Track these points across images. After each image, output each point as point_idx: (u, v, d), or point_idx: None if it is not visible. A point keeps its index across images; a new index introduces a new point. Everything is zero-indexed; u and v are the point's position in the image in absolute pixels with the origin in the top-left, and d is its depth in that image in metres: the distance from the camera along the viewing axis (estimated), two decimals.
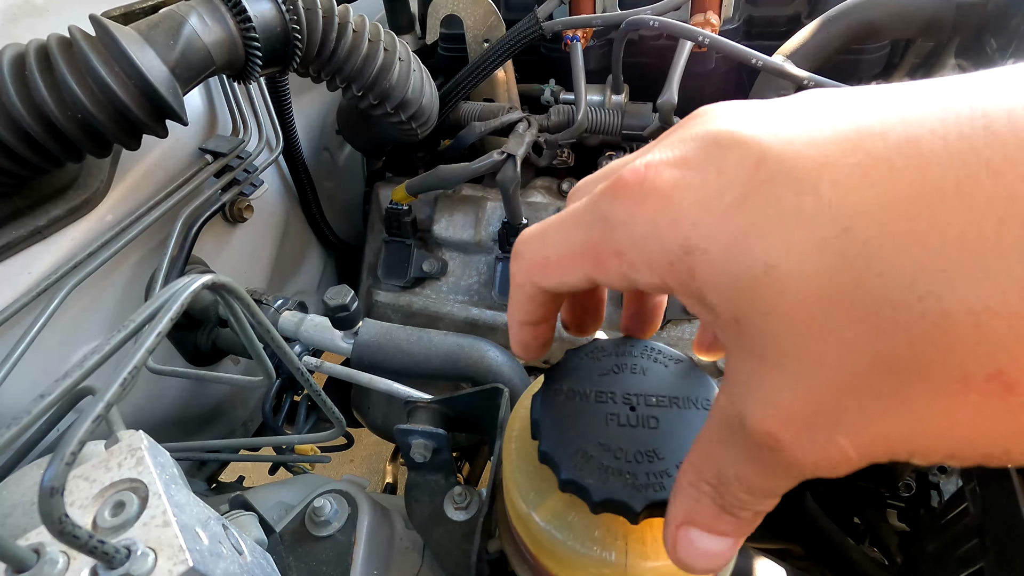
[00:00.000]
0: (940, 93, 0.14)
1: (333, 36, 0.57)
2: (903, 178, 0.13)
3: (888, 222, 0.14)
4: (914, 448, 0.15)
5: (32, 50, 0.42)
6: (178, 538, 0.26)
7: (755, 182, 0.15)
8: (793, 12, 0.74)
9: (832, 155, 0.15)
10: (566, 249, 0.21)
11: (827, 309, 0.14)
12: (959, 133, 0.13)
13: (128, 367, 0.24)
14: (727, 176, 0.16)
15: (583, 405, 0.27)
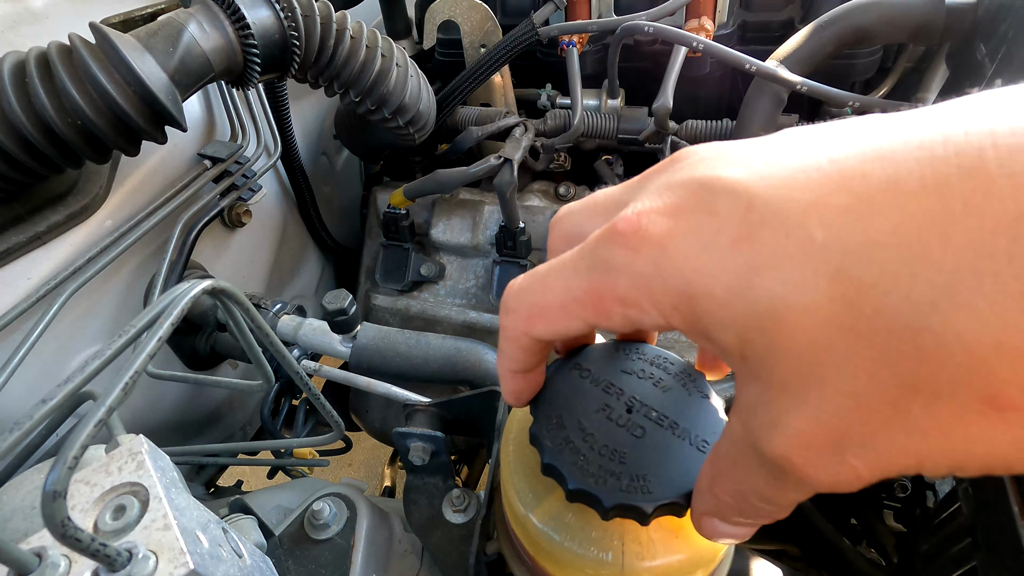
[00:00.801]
0: (915, 128, 0.15)
1: (331, 42, 0.57)
2: (888, 217, 0.14)
3: (878, 259, 0.14)
4: (921, 464, 0.15)
5: (32, 57, 0.43)
6: (179, 541, 0.26)
7: (748, 224, 0.16)
8: (786, 17, 0.74)
9: (818, 196, 0.15)
10: (567, 297, 0.21)
11: (830, 340, 0.15)
12: (934, 171, 0.14)
13: (129, 372, 0.24)
14: (720, 221, 0.17)
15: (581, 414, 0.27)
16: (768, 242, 0.16)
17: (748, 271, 0.16)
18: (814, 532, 0.67)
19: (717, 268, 0.17)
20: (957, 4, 0.58)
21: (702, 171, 0.18)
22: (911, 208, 0.14)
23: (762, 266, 0.16)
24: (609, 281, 0.19)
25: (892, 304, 0.14)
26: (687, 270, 0.17)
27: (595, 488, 0.25)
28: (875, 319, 0.14)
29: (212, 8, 0.50)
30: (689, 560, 0.28)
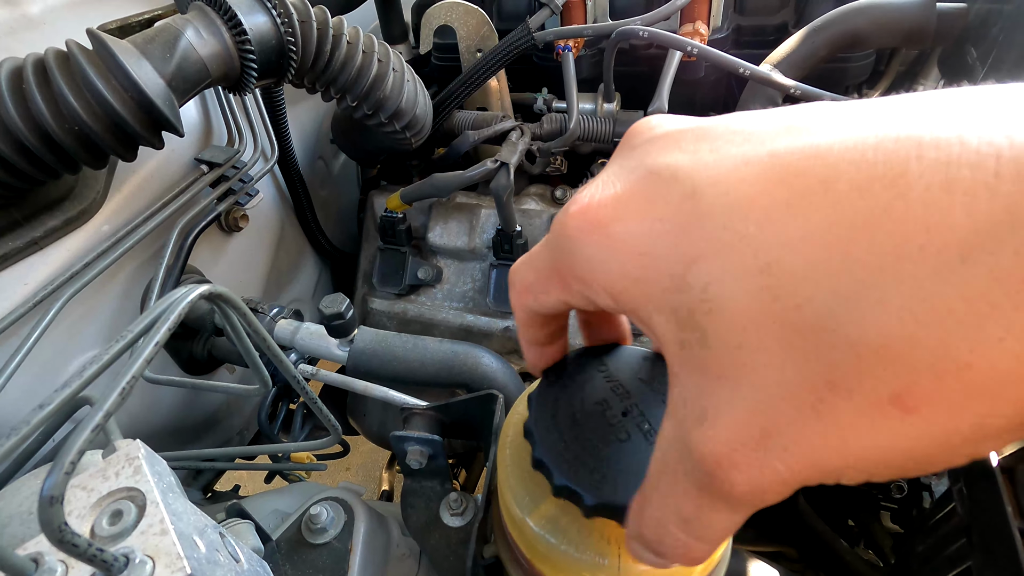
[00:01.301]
0: (853, 126, 0.15)
1: (328, 48, 0.58)
2: (819, 215, 0.15)
3: (806, 254, 0.15)
4: (841, 469, 0.16)
5: (30, 64, 0.43)
6: (176, 546, 0.27)
7: (689, 214, 0.17)
8: (780, 21, 0.75)
9: (757, 190, 0.16)
10: (541, 274, 0.22)
11: (760, 332, 0.15)
12: (863, 176, 0.14)
13: (126, 377, 0.24)
14: (663, 208, 0.17)
15: (579, 410, 0.28)
16: (707, 233, 0.16)
17: (687, 260, 0.17)
18: (811, 534, 0.67)
19: (658, 256, 0.17)
20: (948, 9, 0.58)
21: (652, 157, 0.19)
22: (840, 208, 0.14)
23: (700, 256, 0.16)
24: (567, 262, 0.20)
25: (816, 299, 0.15)
26: (632, 255, 0.18)
27: (579, 485, 0.25)
28: (800, 313, 0.15)
29: (209, 14, 0.50)
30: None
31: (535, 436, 0.27)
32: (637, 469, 0.25)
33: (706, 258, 0.16)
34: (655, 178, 0.18)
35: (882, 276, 0.14)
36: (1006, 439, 0.14)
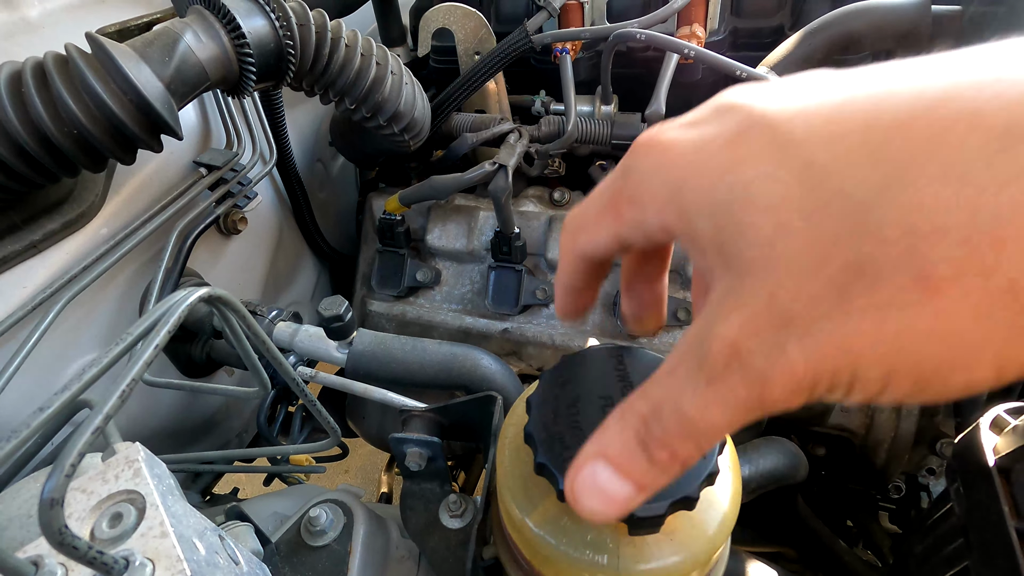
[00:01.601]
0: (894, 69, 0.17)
1: (326, 51, 0.58)
2: (862, 114, 0.16)
3: (846, 148, 0.16)
4: (856, 364, 0.16)
5: (29, 67, 0.43)
6: (176, 548, 0.27)
7: (742, 128, 0.18)
8: (777, 23, 0.75)
9: (806, 105, 0.18)
10: (597, 205, 0.23)
11: (791, 223, 0.16)
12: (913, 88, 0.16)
13: (126, 380, 0.25)
14: (720, 128, 0.19)
15: (580, 407, 0.28)
16: (754, 141, 0.18)
17: (731, 163, 0.18)
18: (810, 534, 0.68)
19: (705, 163, 0.19)
20: (943, 11, 0.59)
21: (724, 97, 0.20)
22: (882, 110, 0.16)
23: (744, 159, 0.18)
24: (622, 183, 0.22)
25: (849, 186, 0.16)
26: (681, 165, 0.19)
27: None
28: (832, 201, 0.16)
29: (208, 18, 0.50)
30: (684, 563, 0.28)
31: (536, 440, 0.27)
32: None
33: (750, 161, 0.18)
34: (719, 109, 0.20)
35: (919, 163, 0.15)
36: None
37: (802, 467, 0.57)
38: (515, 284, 0.76)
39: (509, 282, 0.76)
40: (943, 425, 0.68)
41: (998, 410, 0.40)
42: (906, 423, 0.67)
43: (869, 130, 0.16)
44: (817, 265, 0.16)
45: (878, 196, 0.15)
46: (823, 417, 0.69)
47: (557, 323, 0.76)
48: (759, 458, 0.55)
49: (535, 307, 0.77)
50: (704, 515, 0.28)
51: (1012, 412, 0.40)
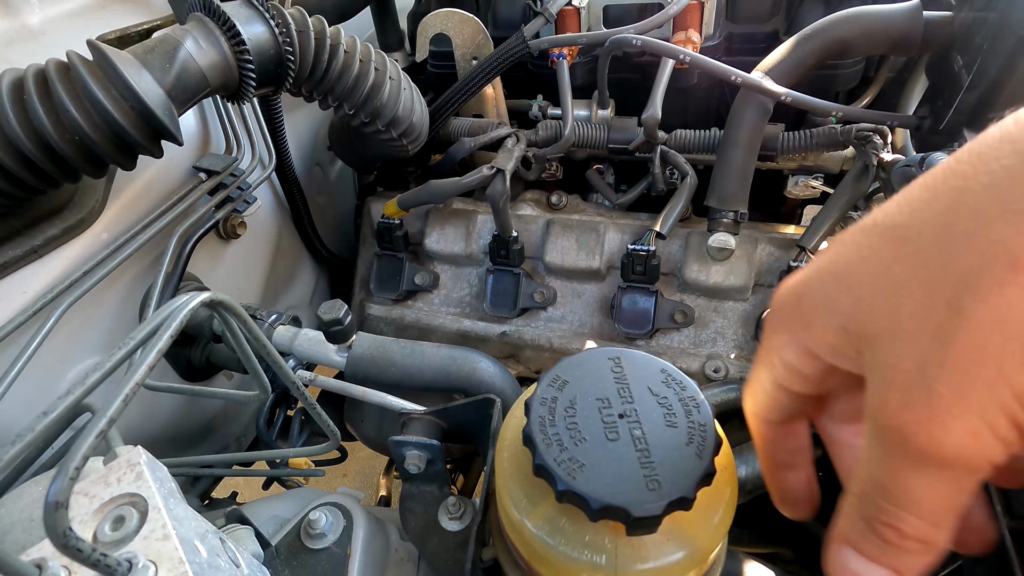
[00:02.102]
0: None
1: (325, 57, 0.58)
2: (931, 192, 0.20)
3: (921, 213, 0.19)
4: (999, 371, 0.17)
5: (31, 75, 0.43)
6: (178, 551, 0.27)
7: (836, 246, 0.22)
8: (771, 29, 0.76)
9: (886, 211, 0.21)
10: (757, 368, 0.25)
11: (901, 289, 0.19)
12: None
13: (129, 383, 0.25)
14: (827, 253, 0.22)
15: (577, 409, 0.28)
16: (848, 243, 0.21)
17: (835, 261, 0.21)
18: (808, 535, 0.68)
19: (815, 272, 0.22)
20: (934, 17, 0.59)
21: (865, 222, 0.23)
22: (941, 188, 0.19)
23: (843, 255, 0.21)
24: (765, 339, 0.24)
25: (930, 238, 0.19)
26: (799, 285, 0.22)
27: (582, 490, 0.25)
28: (921, 256, 0.19)
29: (208, 24, 0.50)
30: (681, 562, 0.28)
31: (535, 442, 0.27)
32: (625, 472, 0.26)
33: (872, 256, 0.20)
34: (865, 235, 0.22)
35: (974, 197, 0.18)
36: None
37: None
38: (513, 287, 0.76)
39: (507, 285, 0.76)
40: None
41: None
42: None
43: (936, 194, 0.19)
44: (926, 309, 0.18)
45: (949, 230, 0.18)
46: None
47: (555, 326, 0.77)
48: (755, 459, 0.56)
49: (533, 310, 0.77)
50: (701, 515, 0.29)
51: None
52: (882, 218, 0.20)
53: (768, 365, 0.24)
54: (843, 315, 0.20)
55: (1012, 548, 0.35)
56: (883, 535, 0.20)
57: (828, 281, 0.21)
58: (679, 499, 0.25)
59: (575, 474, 0.26)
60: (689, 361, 0.70)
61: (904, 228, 0.19)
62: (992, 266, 0.17)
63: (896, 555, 0.20)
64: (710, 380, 0.69)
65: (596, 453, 0.27)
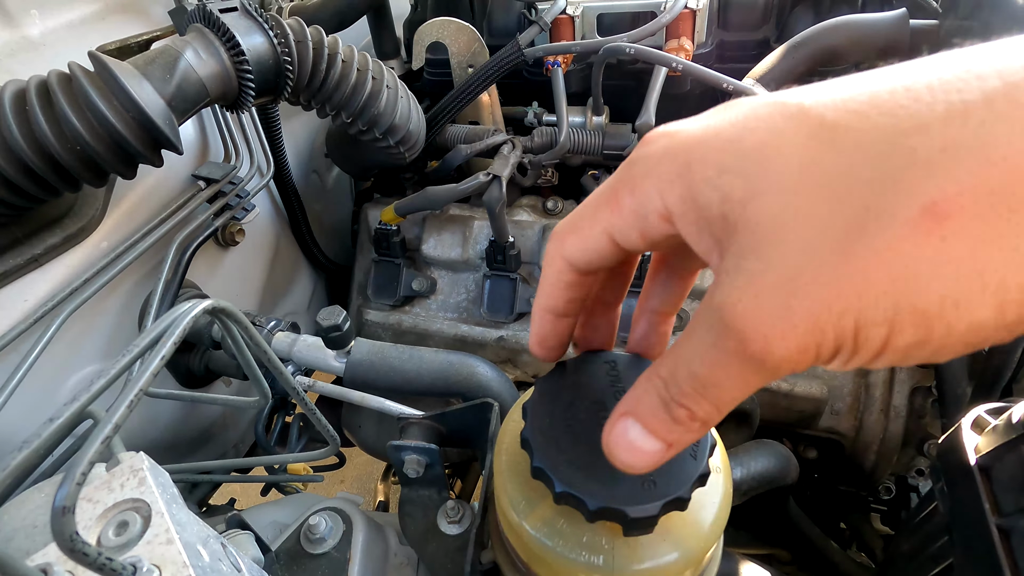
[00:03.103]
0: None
1: (323, 67, 0.59)
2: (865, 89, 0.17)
3: (857, 109, 0.17)
4: (860, 315, 0.16)
5: (33, 85, 0.44)
6: (181, 555, 0.27)
7: (752, 108, 0.19)
8: (762, 37, 0.77)
9: (821, 91, 0.18)
10: (591, 206, 0.23)
11: (806, 180, 0.17)
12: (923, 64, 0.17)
13: (133, 390, 0.25)
14: (730, 112, 0.19)
15: (575, 412, 0.29)
16: (765, 112, 0.18)
17: (743, 132, 0.18)
18: (802, 536, 0.68)
19: (715, 137, 0.19)
20: (920, 25, 0.61)
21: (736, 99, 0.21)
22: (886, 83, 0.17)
23: (756, 128, 0.18)
24: (626, 172, 0.22)
25: (863, 138, 0.16)
26: (690, 145, 0.20)
27: (580, 491, 0.26)
28: (845, 154, 0.17)
29: (207, 35, 0.51)
30: (678, 562, 0.29)
31: (532, 445, 0.27)
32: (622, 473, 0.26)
33: (763, 127, 0.18)
34: (723, 104, 0.20)
35: (928, 108, 0.16)
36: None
37: (792, 469, 0.58)
38: (510, 292, 0.77)
39: (504, 290, 0.77)
40: (930, 426, 0.69)
41: (979, 410, 0.41)
42: (894, 425, 0.68)
43: (876, 92, 0.17)
44: (827, 222, 0.17)
45: (891, 141, 0.16)
46: (813, 420, 0.70)
47: None
48: (750, 460, 0.56)
49: (530, 315, 0.78)
50: (697, 515, 0.29)
51: (992, 412, 0.41)
52: (813, 107, 0.17)
53: (613, 214, 0.22)
54: (727, 197, 0.18)
55: (1000, 546, 0.36)
56: (675, 415, 0.21)
57: (728, 154, 0.18)
58: (675, 499, 0.26)
59: (573, 476, 0.26)
60: None
61: (833, 130, 0.17)
62: (909, 206, 0.16)
63: (678, 433, 0.21)
64: None
65: (593, 455, 0.27)
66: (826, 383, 0.69)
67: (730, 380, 0.19)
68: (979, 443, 0.39)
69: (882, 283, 0.16)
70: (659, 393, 0.21)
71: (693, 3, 0.72)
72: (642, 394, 0.22)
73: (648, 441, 0.22)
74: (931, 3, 0.66)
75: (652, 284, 0.29)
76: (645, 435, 0.22)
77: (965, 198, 0.15)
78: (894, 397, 0.68)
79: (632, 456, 0.22)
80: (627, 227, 0.22)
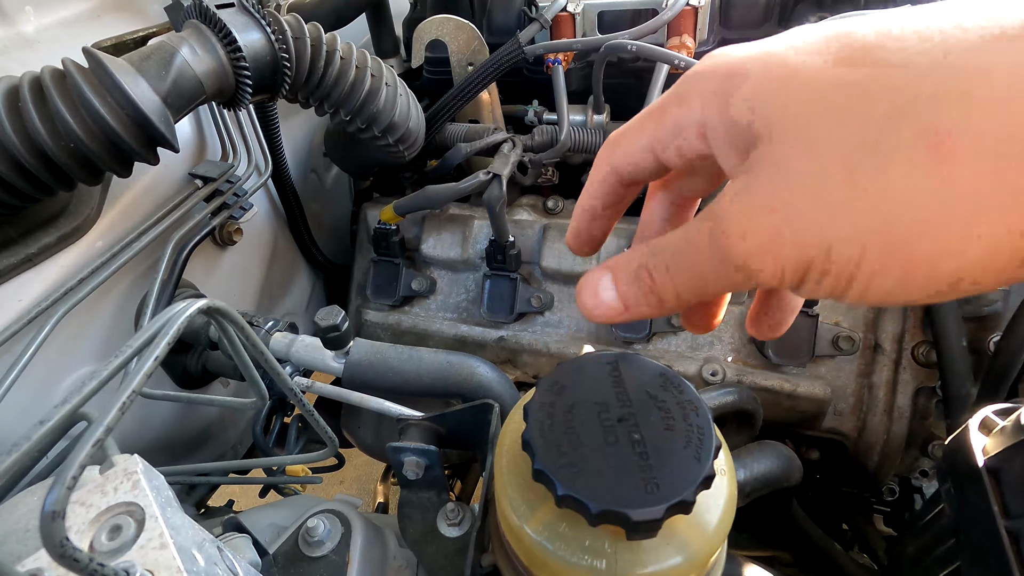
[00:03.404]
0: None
1: (321, 64, 0.58)
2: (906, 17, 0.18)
3: (886, 41, 0.18)
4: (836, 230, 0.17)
5: (26, 82, 0.43)
6: (175, 560, 0.27)
7: (808, 30, 0.20)
8: (764, 34, 0.76)
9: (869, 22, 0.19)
10: (641, 116, 0.24)
11: (828, 98, 0.18)
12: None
13: (126, 391, 0.25)
14: (788, 35, 0.20)
15: (576, 414, 0.28)
16: (814, 34, 0.19)
17: (789, 51, 0.19)
18: (805, 538, 0.68)
19: (759, 55, 0.20)
20: None
21: None
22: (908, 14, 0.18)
23: (802, 48, 0.19)
24: (675, 90, 0.23)
25: (891, 58, 0.17)
26: (735, 61, 0.21)
27: (582, 494, 0.25)
28: (871, 74, 0.17)
29: (204, 32, 0.50)
30: (681, 566, 0.28)
31: (534, 447, 0.27)
32: (624, 476, 0.26)
33: (797, 44, 0.19)
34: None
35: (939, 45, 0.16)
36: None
37: (796, 470, 0.58)
38: (510, 292, 0.76)
39: (504, 290, 0.77)
40: (934, 427, 0.68)
41: (987, 411, 0.41)
42: (898, 426, 0.67)
43: (922, 28, 0.17)
44: (837, 146, 0.17)
45: (914, 74, 0.16)
46: (816, 421, 0.70)
47: (552, 331, 0.77)
48: (753, 462, 0.56)
49: (530, 315, 0.77)
50: (701, 519, 0.29)
51: (1000, 413, 0.41)
52: (858, 33, 0.18)
53: (657, 124, 0.23)
54: (758, 113, 0.19)
55: (1010, 548, 0.35)
56: (640, 277, 0.23)
57: (769, 73, 0.19)
58: (678, 503, 0.25)
59: (574, 478, 0.26)
60: (686, 364, 0.71)
61: (863, 57, 0.18)
62: (910, 138, 0.16)
63: (634, 296, 0.23)
64: (707, 383, 0.69)
65: (595, 457, 0.27)
66: (829, 383, 0.68)
67: (699, 268, 0.21)
68: (987, 444, 0.39)
69: (867, 210, 0.17)
70: (639, 257, 0.23)
71: (695, 0, 0.71)
72: (628, 254, 0.24)
73: (609, 293, 0.24)
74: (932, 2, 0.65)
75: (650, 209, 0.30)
76: (610, 288, 0.24)
77: (968, 134, 0.16)
78: (898, 398, 0.67)
79: (591, 301, 0.24)
80: (667, 140, 0.23)
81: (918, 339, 0.67)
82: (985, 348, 0.61)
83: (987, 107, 0.15)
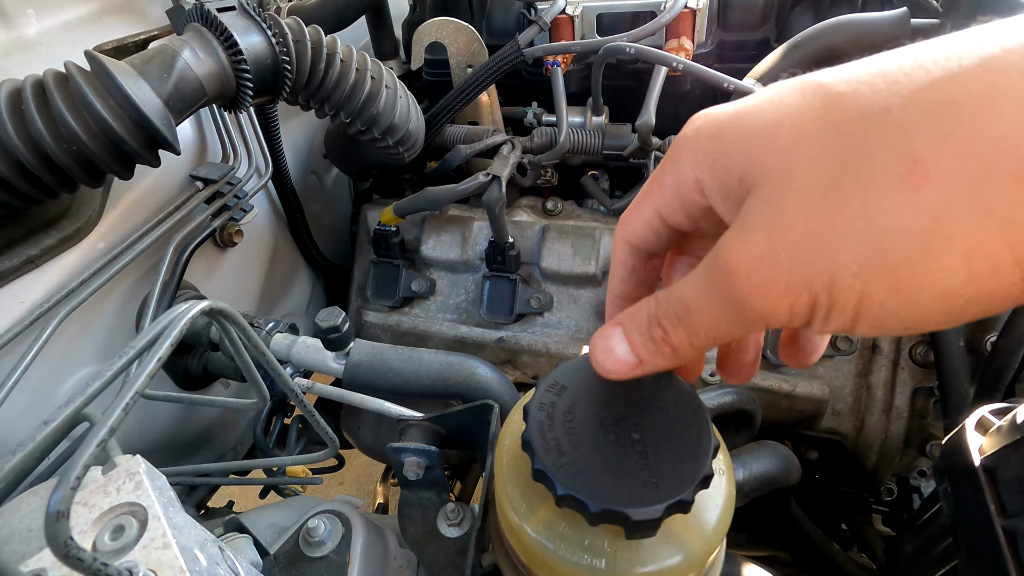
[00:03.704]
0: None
1: (321, 66, 0.59)
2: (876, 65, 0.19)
3: (861, 84, 0.19)
4: (834, 270, 0.18)
5: (29, 85, 0.43)
6: (178, 559, 0.27)
7: (781, 87, 0.21)
8: (762, 36, 0.77)
9: (844, 70, 0.20)
10: (644, 188, 0.25)
11: (811, 143, 0.19)
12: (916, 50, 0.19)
13: (130, 392, 0.25)
14: (762, 93, 0.21)
15: (575, 414, 0.28)
16: (788, 89, 0.20)
17: (767, 106, 0.21)
18: (804, 538, 0.68)
19: (744, 111, 0.21)
20: (922, 24, 0.61)
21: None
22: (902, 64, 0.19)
23: (779, 102, 0.20)
24: (668, 156, 0.24)
25: (864, 103, 0.18)
26: (722, 120, 0.22)
27: (581, 494, 0.25)
28: (847, 117, 0.18)
29: (205, 35, 0.51)
30: (680, 565, 0.28)
31: (533, 447, 0.27)
32: (624, 475, 0.26)
33: (781, 102, 0.20)
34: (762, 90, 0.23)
35: (917, 83, 0.18)
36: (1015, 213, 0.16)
37: (795, 470, 0.58)
38: (510, 293, 0.76)
39: (504, 291, 0.77)
40: (932, 427, 0.69)
41: (983, 411, 0.41)
42: (896, 425, 0.68)
43: (886, 66, 0.19)
44: (816, 183, 0.18)
45: (886, 104, 0.18)
46: (814, 421, 0.70)
47: (552, 332, 0.77)
48: (752, 462, 0.56)
49: (530, 316, 0.78)
50: (700, 518, 0.29)
51: (996, 413, 0.41)
52: (830, 82, 0.20)
53: (658, 192, 0.24)
54: (746, 161, 0.20)
55: (1006, 546, 0.35)
56: (653, 333, 0.23)
57: (752, 126, 0.21)
58: (677, 502, 0.26)
59: (574, 478, 0.26)
60: None
61: (838, 98, 0.19)
62: (886, 163, 0.17)
63: (650, 351, 0.24)
64: (706, 384, 0.69)
65: (595, 457, 0.27)
66: (827, 383, 0.68)
67: (708, 314, 0.21)
68: (983, 444, 0.39)
69: (856, 239, 0.18)
70: (649, 311, 0.24)
71: (693, 3, 0.71)
72: (636, 309, 0.24)
73: (623, 349, 0.24)
74: (932, 2, 0.65)
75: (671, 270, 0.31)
76: (623, 344, 0.24)
77: (943, 157, 0.16)
78: (896, 398, 0.68)
79: (606, 359, 0.25)
80: (671, 202, 0.24)
81: (916, 340, 0.67)
82: (982, 348, 0.61)
83: (954, 133, 0.16)
